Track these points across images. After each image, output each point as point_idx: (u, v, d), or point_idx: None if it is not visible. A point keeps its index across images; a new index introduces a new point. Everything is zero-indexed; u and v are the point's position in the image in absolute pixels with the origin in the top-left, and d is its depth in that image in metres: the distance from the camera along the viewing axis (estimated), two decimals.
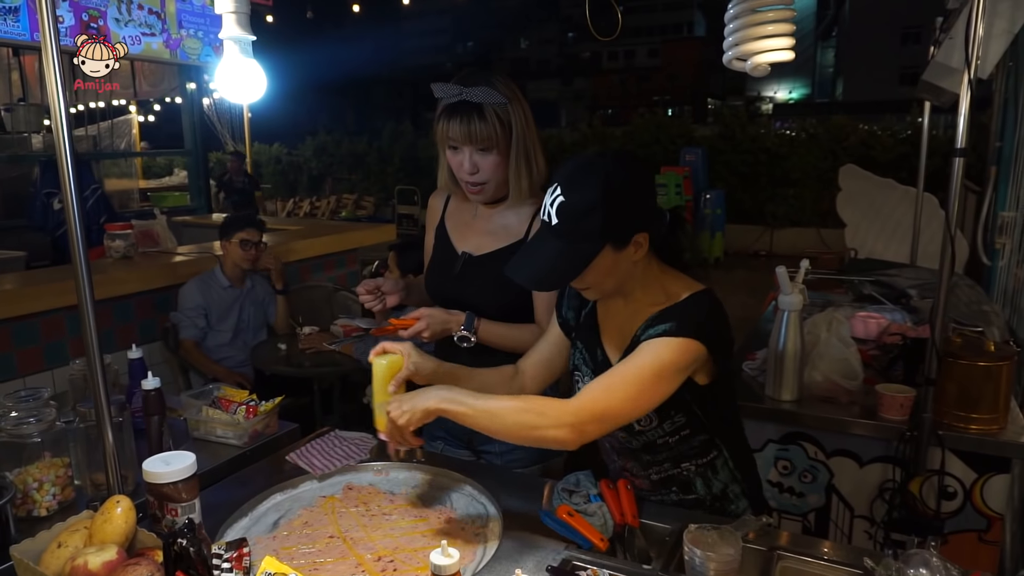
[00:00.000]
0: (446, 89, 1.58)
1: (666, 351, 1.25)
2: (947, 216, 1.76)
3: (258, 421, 1.81)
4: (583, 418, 1.24)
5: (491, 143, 1.59)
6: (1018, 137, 3.22)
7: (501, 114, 1.58)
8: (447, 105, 1.59)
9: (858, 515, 2.04)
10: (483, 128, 1.57)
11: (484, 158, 1.61)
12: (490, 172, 1.63)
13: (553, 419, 1.24)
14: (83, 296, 1.27)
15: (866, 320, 2.51)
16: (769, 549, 1.30)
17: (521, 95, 1.63)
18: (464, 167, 1.63)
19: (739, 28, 1.83)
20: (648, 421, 1.38)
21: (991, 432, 1.86)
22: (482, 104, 1.56)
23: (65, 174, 1.23)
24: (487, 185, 1.66)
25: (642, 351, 1.27)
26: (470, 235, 1.78)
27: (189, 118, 6.90)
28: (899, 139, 9.92)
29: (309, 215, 12.41)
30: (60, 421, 1.54)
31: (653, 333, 1.27)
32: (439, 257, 1.83)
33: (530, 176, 1.65)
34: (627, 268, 1.31)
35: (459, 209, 1.83)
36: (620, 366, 1.29)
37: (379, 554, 1.31)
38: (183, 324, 3.34)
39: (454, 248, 1.79)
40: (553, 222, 1.25)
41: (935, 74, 2.33)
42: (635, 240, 1.27)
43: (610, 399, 1.25)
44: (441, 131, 1.62)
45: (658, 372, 1.25)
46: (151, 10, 4.48)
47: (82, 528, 1.19)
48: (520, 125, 1.61)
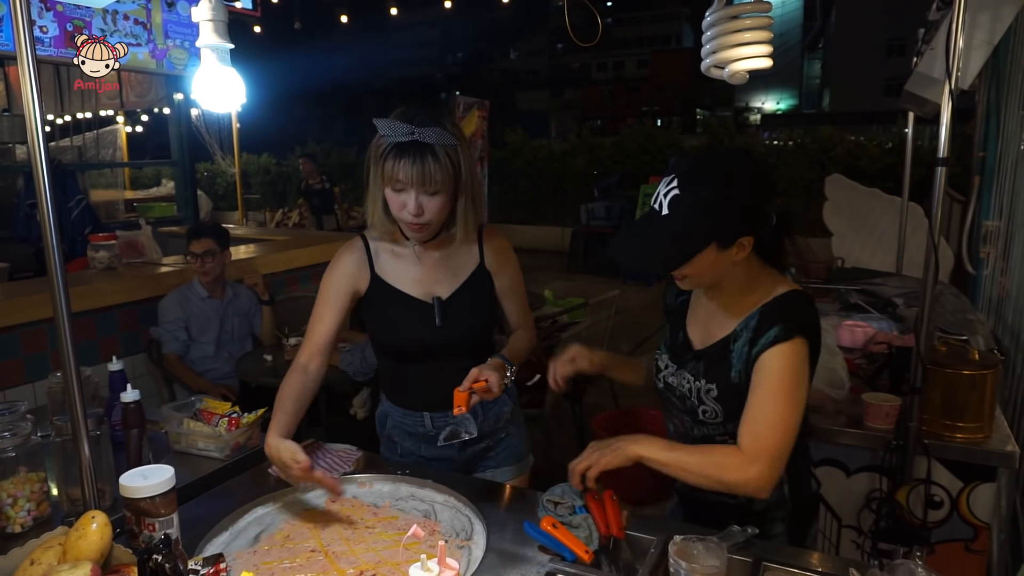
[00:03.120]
0: (394, 128, 1.48)
1: (789, 361, 1.28)
2: (931, 225, 1.77)
3: (240, 433, 1.79)
4: (758, 461, 1.26)
5: (441, 185, 1.52)
6: (1001, 147, 3.25)
7: (452, 156, 1.53)
8: (395, 144, 1.49)
9: (846, 525, 2.03)
10: (437, 171, 1.49)
11: (431, 200, 1.53)
12: (435, 213, 1.56)
13: (738, 474, 1.28)
14: (59, 307, 1.25)
15: (852, 329, 2.52)
16: (755, 560, 1.29)
17: (463, 135, 1.59)
18: (408, 208, 1.53)
19: (716, 36, 1.83)
20: (713, 414, 1.39)
21: (976, 441, 1.86)
22: (435, 145, 1.49)
23: (41, 184, 1.21)
24: (430, 225, 1.58)
25: (765, 370, 1.29)
26: (425, 279, 1.69)
27: (176, 129, 6.87)
28: (885, 149, 10.01)
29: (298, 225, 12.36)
30: (37, 435, 1.52)
31: (765, 343, 1.29)
32: (401, 312, 1.69)
33: (474, 218, 1.64)
34: (727, 267, 1.32)
35: (393, 259, 1.70)
36: (758, 394, 1.30)
37: (361, 568, 1.29)
38: (165, 338, 3.30)
39: (414, 298, 1.68)
40: (663, 212, 1.25)
41: (917, 85, 2.35)
42: (740, 242, 1.29)
43: (770, 432, 1.27)
44: (387, 171, 1.51)
45: (792, 382, 1.28)
46: (137, 20, 4.47)
47: (56, 545, 1.17)
48: (468, 167, 1.57)
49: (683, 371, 1.45)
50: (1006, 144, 3.18)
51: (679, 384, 1.45)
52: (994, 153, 3.38)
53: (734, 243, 1.28)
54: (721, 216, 1.24)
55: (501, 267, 1.75)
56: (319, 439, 1.85)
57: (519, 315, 1.82)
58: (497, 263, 1.75)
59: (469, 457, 1.80)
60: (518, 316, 1.82)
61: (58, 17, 4.01)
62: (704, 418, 1.41)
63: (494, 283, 1.75)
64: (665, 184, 1.27)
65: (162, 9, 4.61)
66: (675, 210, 1.24)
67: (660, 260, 1.30)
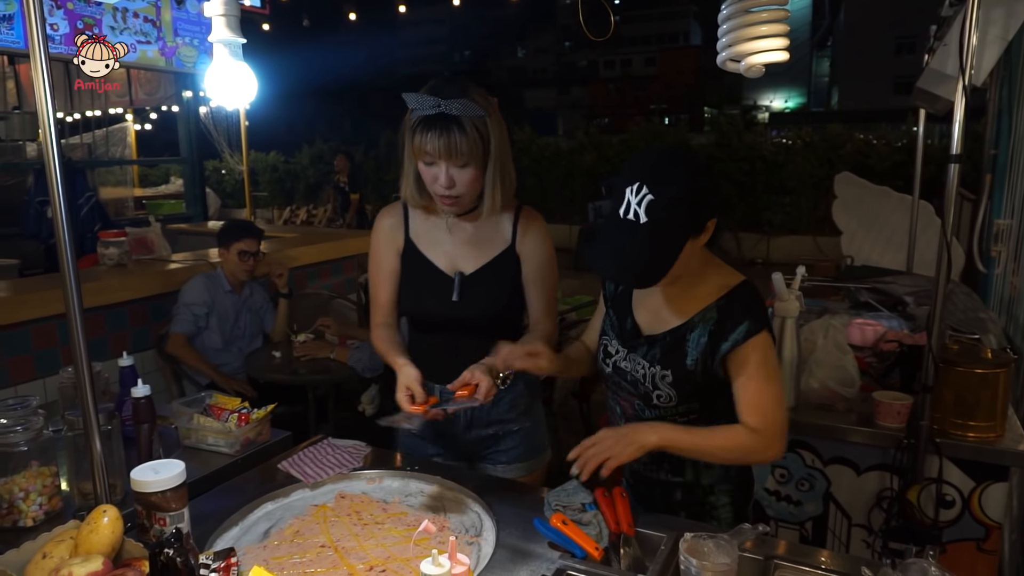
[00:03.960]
0: (421, 100, 1.50)
1: (767, 352, 1.38)
2: (943, 223, 1.75)
3: (250, 429, 1.79)
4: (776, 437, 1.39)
5: (470, 158, 1.53)
6: (1013, 145, 3.22)
7: (480, 128, 1.53)
8: (423, 117, 1.51)
9: (856, 524, 2.02)
10: (463, 143, 1.50)
11: (461, 173, 1.55)
12: (466, 186, 1.57)
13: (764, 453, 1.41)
14: (71, 303, 1.26)
15: (863, 327, 2.50)
16: (765, 558, 1.29)
17: (496, 107, 1.58)
18: (440, 181, 1.56)
19: (732, 29, 1.82)
20: (668, 399, 1.43)
21: (989, 440, 1.85)
22: (461, 117, 1.50)
23: (53, 180, 1.21)
24: (462, 198, 1.60)
25: (751, 362, 1.37)
26: (453, 252, 1.71)
27: (185, 126, 6.88)
28: (894, 148, 9.95)
29: (306, 223, 12.39)
30: (48, 430, 1.53)
31: (737, 338, 1.36)
32: (424, 281, 1.72)
33: (504, 190, 1.62)
34: (690, 256, 1.34)
35: (427, 225, 1.73)
36: (754, 383, 1.38)
37: (371, 563, 1.29)
38: (180, 317, 3.26)
39: (439, 269, 1.71)
40: (642, 220, 1.26)
41: (930, 81, 2.33)
42: (707, 226, 1.33)
43: (777, 412, 1.40)
44: (416, 144, 1.54)
45: (774, 366, 1.40)
46: (147, 18, 4.48)
47: (68, 538, 1.17)
48: (497, 139, 1.56)
49: (635, 356, 1.47)
50: (1018, 142, 3.15)
51: (632, 369, 1.48)
52: (1006, 151, 3.35)
53: (704, 228, 1.33)
54: (693, 207, 1.29)
55: (531, 252, 1.72)
56: (328, 435, 1.85)
57: (541, 308, 1.74)
58: (528, 247, 1.72)
59: (473, 441, 1.79)
60: (540, 309, 1.74)
61: (68, 15, 4.02)
62: (658, 402, 1.45)
63: (521, 267, 1.72)
64: (634, 192, 1.27)
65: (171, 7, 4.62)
66: (653, 215, 1.25)
67: (654, 269, 1.30)
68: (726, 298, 1.39)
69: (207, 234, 5.39)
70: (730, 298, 1.39)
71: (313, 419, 3.34)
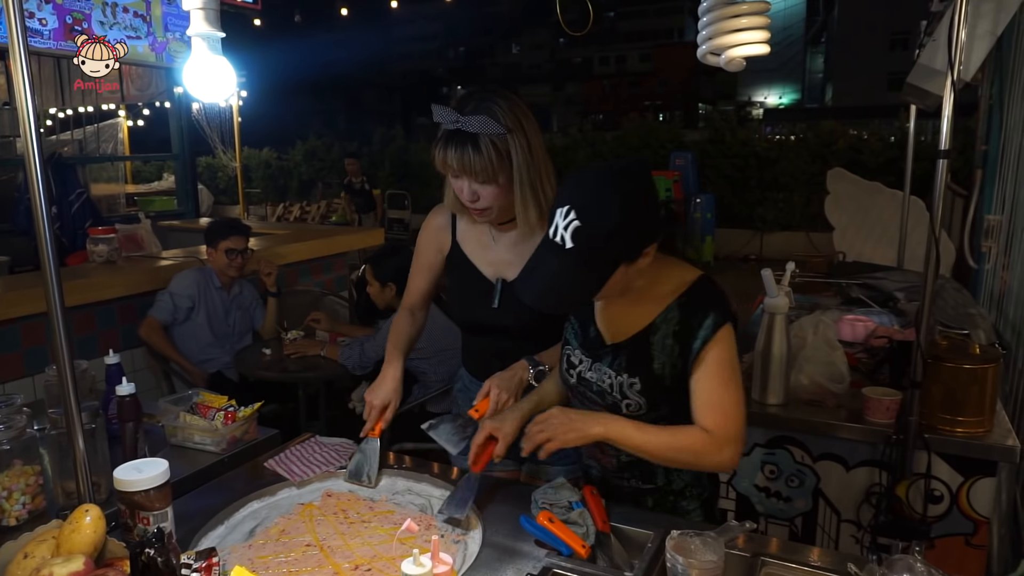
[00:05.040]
0: (445, 115, 1.49)
1: (728, 346, 1.33)
2: (932, 218, 1.75)
3: (236, 427, 1.78)
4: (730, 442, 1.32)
5: (488, 176, 1.50)
6: (1004, 141, 3.23)
7: (499, 144, 1.48)
8: (445, 132, 1.50)
9: (845, 519, 2.02)
10: (478, 160, 1.48)
11: (483, 188, 1.53)
12: (491, 200, 1.55)
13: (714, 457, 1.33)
14: (52, 299, 1.24)
15: (853, 323, 2.50)
16: (753, 555, 1.28)
17: (525, 121, 1.52)
18: (464, 194, 1.55)
19: (713, 21, 1.80)
20: (637, 407, 1.39)
21: (977, 435, 1.85)
22: (477, 136, 1.47)
23: (33, 175, 1.20)
24: (490, 210, 1.58)
25: (713, 360, 1.33)
26: (496, 260, 1.71)
27: (177, 122, 6.86)
28: (887, 143, 9.96)
29: (299, 219, 12.35)
30: (33, 428, 1.51)
31: (705, 335, 1.32)
32: (468, 286, 1.74)
33: (538, 206, 1.57)
34: (634, 275, 1.30)
35: (473, 231, 1.74)
36: (713, 382, 1.33)
37: (356, 562, 1.29)
38: (160, 303, 3.29)
39: (483, 275, 1.71)
40: (567, 246, 1.20)
41: (919, 77, 2.33)
42: (645, 252, 1.27)
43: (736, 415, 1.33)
44: (439, 158, 1.53)
45: (735, 365, 1.35)
46: (136, 13, 4.45)
47: (50, 538, 1.16)
48: (522, 155, 1.51)
49: (600, 365, 1.43)
50: (1009, 138, 3.15)
51: (598, 379, 1.44)
52: (997, 147, 3.35)
53: (640, 255, 1.26)
54: (627, 237, 1.22)
55: None
56: (318, 433, 1.84)
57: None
58: None
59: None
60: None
61: (57, 9, 3.99)
62: (627, 411, 1.40)
63: None
64: (562, 216, 1.20)
65: (161, 2, 4.59)
66: (579, 242, 1.19)
67: (574, 296, 1.27)
68: (686, 295, 1.35)
69: (199, 231, 5.37)
70: (690, 295, 1.35)
71: (304, 416, 3.33)
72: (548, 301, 1.28)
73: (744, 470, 2.10)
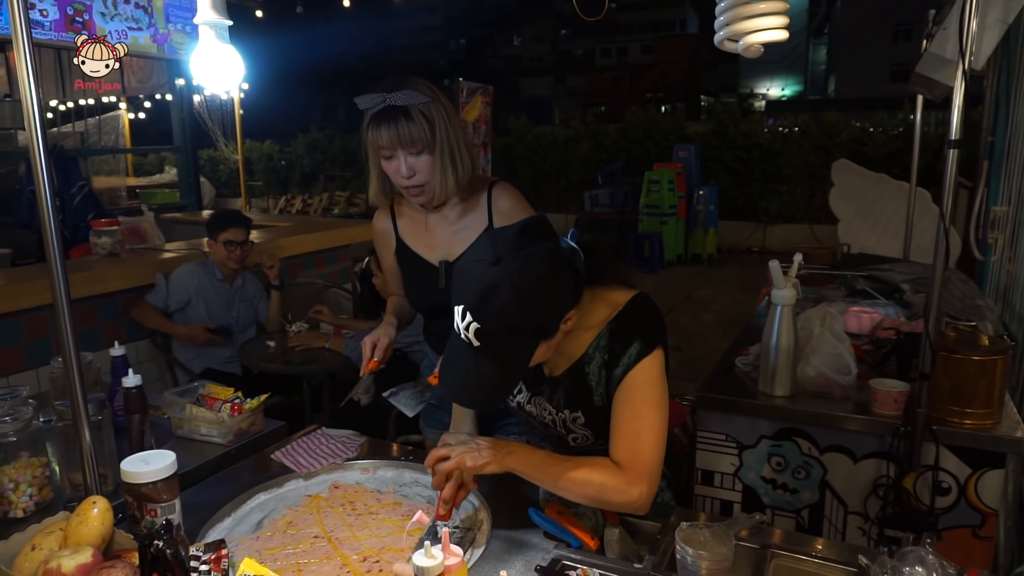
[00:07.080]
0: (370, 99, 1.58)
1: (653, 373, 1.26)
2: (941, 208, 1.74)
3: (243, 419, 1.78)
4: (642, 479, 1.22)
5: (422, 144, 1.59)
6: (1010, 132, 3.21)
7: (427, 113, 1.58)
8: (373, 114, 1.58)
9: (852, 511, 2.02)
10: (413, 129, 1.57)
11: (418, 160, 1.61)
12: (427, 172, 1.63)
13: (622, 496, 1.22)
14: (57, 291, 1.23)
15: (859, 315, 2.49)
16: (762, 547, 1.28)
17: (442, 95, 1.62)
18: (401, 172, 1.62)
19: (730, 7, 1.78)
20: (584, 439, 1.37)
21: (985, 427, 1.84)
22: (407, 106, 1.56)
23: (38, 167, 1.19)
24: (427, 186, 1.65)
25: (633, 386, 1.25)
26: (435, 243, 1.79)
27: (179, 115, 6.84)
28: (891, 135, 9.93)
29: (301, 212, 12.35)
30: (39, 420, 1.51)
31: (629, 363, 1.25)
32: (415, 275, 1.82)
33: (455, 173, 1.65)
34: (561, 337, 1.23)
35: (411, 223, 1.82)
36: (628, 411, 1.25)
37: (364, 554, 1.28)
38: (157, 291, 3.32)
39: (427, 261, 1.79)
40: (475, 344, 1.12)
41: (928, 66, 2.31)
42: (566, 319, 1.20)
43: (650, 448, 1.23)
44: (372, 140, 1.60)
45: (661, 393, 1.26)
46: (138, 4, 4.43)
47: (57, 530, 1.16)
48: (443, 123, 1.61)
49: (540, 400, 1.40)
50: (1015, 129, 3.13)
51: (539, 413, 1.41)
52: (1003, 138, 3.33)
53: (558, 330, 1.19)
54: (534, 323, 1.14)
55: (506, 221, 1.69)
56: (323, 424, 1.84)
57: None
58: (502, 220, 1.72)
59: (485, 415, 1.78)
60: None
61: (59, 1, 3.97)
62: (575, 444, 1.38)
63: None
64: (459, 316, 1.12)
65: None
66: (484, 340, 1.11)
67: (497, 388, 1.20)
68: (616, 319, 1.28)
69: (201, 223, 5.36)
70: (620, 319, 1.28)
71: (308, 409, 3.33)
72: (475, 399, 1.27)
73: (751, 462, 2.09)
